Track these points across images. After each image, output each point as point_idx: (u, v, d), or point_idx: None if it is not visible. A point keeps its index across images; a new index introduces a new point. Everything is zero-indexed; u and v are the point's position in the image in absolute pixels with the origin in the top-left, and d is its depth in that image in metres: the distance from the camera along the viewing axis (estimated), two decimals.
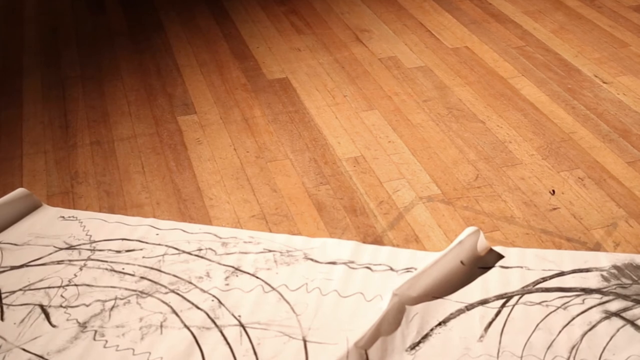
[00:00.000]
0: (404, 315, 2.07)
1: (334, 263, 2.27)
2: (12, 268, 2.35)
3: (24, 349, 2.06)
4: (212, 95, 3.23)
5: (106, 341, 2.06)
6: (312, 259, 2.29)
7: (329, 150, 2.82)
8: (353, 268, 2.25)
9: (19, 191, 2.60)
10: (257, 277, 2.24)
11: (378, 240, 2.37)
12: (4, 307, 2.20)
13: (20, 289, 2.26)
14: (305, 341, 2.02)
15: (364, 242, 2.36)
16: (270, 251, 2.34)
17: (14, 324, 2.14)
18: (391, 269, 2.25)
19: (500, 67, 3.37)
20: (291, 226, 2.45)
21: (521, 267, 2.26)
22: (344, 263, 2.27)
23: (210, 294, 2.19)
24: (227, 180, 2.68)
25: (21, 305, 2.21)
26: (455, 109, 3.05)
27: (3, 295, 2.24)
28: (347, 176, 2.67)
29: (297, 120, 3.01)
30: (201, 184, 2.66)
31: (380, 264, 2.27)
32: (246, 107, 3.13)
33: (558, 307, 2.10)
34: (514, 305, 2.13)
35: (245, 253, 2.34)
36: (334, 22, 3.88)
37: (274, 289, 2.20)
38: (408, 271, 2.24)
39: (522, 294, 2.16)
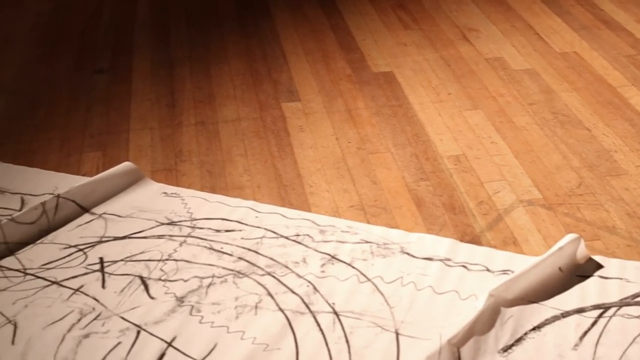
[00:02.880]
0: (499, 317, 2.05)
1: (430, 259, 2.27)
2: (115, 239, 2.41)
3: (122, 317, 2.11)
4: (316, 84, 3.25)
5: (202, 317, 2.10)
6: (408, 253, 2.29)
7: (430, 146, 2.81)
8: (449, 265, 2.25)
9: (125, 165, 2.67)
10: (353, 267, 2.25)
11: (475, 240, 2.35)
12: (106, 275, 2.27)
13: (122, 260, 2.32)
14: (397, 334, 2.02)
15: (461, 241, 2.34)
16: (367, 242, 2.34)
17: (114, 292, 2.20)
18: (487, 269, 2.23)
19: (609, 74, 3.30)
20: (389, 219, 2.45)
21: (621, 279, 2.21)
22: (441, 260, 2.26)
23: (305, 279, 2.21)
24: (327, 169, 2.69)
25: (122, 275, 2.27)
26: (561, 114, 3.00)
27: (105, 264, 2.31)
28: (448, 174, 2.65)
29: (400, 114, 3.01)
30: (302, 171, 2.69)
31: (476, 264, 2.25)
32: (350, 98, 3.14)
33: None
34: (611, 317, 2.09)
35: (343, 242, 2.35)
36: (442, 19, 3.86)
37: (369, 279, 2.20)
38: (504, 273, 2.21)
39: (620, 306, 2.12)
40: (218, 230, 2.42)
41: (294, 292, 2.17)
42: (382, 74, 3.33)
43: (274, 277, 2.23)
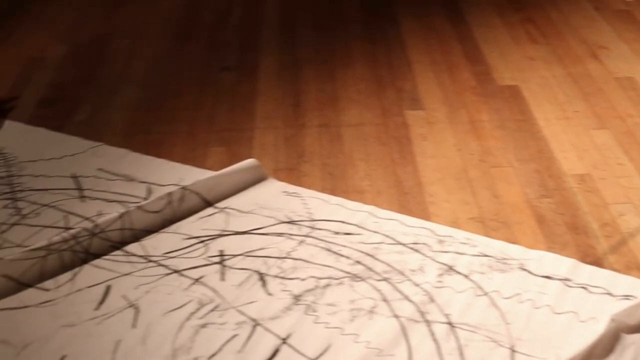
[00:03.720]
0: (619, 343, 2.00)
1: (549, 277, 2.23)
2: (236, 233, 2.46)
3: (239, 311, 2.15)
4: (440, 94, 3.24)
5: (317, 317, 2.12)
6: (527, 270, 2.26)
7: (554, 163, 2.76)
8: (569, 286, 2.20)
9: (249, 161, 2.72)
10: (470, 279, 2.23)
11: (598, 262, 2.30)
12: (225, 268, 2.31)
13: (242, 254, 2.37)
14: (513, 351, 2.00)
15: (582, 262, 2.29)
16: (485, 256, 2.32)
17: (233, 285, 2.25)
18: (609, 293, 2.18)
19: None
20: (509, 234, 2.42)
21: None
22: (560, 279, 2.22)
23: (422, 288, 2.20)
24: (448, 179, 2.68)
25: (241, 269, 2.31)
26: None
27: (225, 258, 2.36)
28: (572, 192, 2.61)
29: (525, 129, 2.97)
30: (422, 180, 2.68)
31: (597, 287, 2.20)
32: (474, 109, 3.12)
33: None
34: None
35: (461, 254, 2.33)
36: (571, 34, 3.79)
37: (486, 293, 2.18)
38: (627, 298, 2.16)
39: None
40: (337, 233, 2.44)
41: (409, 300, 2.17)
42: (508, 87, 3.29)
43: (390, 283, 2.23)
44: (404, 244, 2.38)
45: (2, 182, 2.77)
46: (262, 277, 2.27)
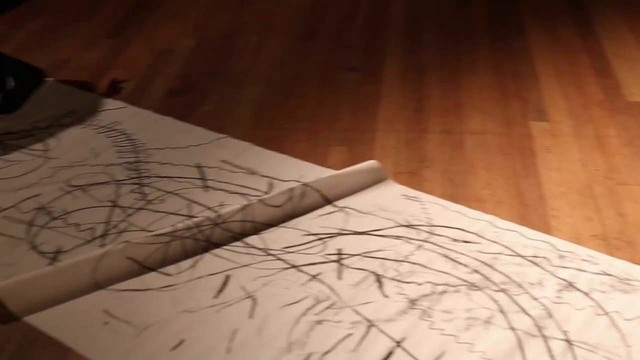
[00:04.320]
0: None
1: None
2: (355, 233, 2.48)
3: (355, 310, 2.17)
4: (566, 107, 3.18)
5: (432, 322, 2.11)
6: None
7: None
8: None
9: (371, 163, 2.73)
10: (591, 298, 2.19)
11: None
12: (342, 267, 2.33)
13: (359, 254, 2.38)
14: None
15: None
16: (607, 275, 2.27)
17: (349, 285, 2.26)
18: None
19: None
20: (633, 254, 2.36)
21: None
22: None
23: (540, 302, 2.17)
24: (571, 194, 2.63)
25: (358, 269, 2.32)
26: None
27: (343, 256, 2.37)
28: None
29: None
30: (545, 192, 2.64)
31: None
32: (600, 124, 3.05)
33: None
34: None
35: (582, 270, 2.29)
36: None
37: (606, 313, 2.14)
38: None
39: None
40: (455, 240, 2.43)
41: (527, 313, 2.14)
42: (637, 104, 3.20)
43: (507, 294, 2.21)
44: (523, 256, 2.35)
45: (130, 168, 2.86)
46: (378, 278, 2.28)
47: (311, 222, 2.53)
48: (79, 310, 2.22)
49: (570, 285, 2.23)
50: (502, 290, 2.22)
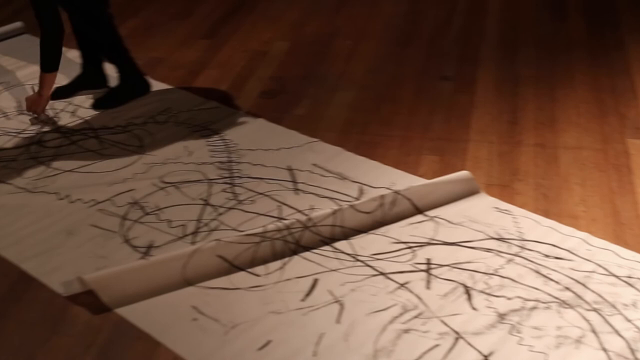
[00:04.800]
0: None
1: None
2: (444, 243, 2.46)
3: (443, 321, 2.15)
4: None
5: (521, 338, 2.08)
6: None
7: None
8: None
9: (463, 173, 2.70)
10: None
11: None
12: (431, 277, 2.31)
13: (448, 265, 2.36)
14: None
15: None
16: None
17: (438, 295, 2.24)
18: None
19: None
20: None
21: None
22: None
23: (634, 324, 2.12)
24: None
25: (447, 280, 2.30)
26: None
27: (432, 266, 2.35)
28: None
29: None
30: None
31: None
32: None
33: None
34: None
35: None
36: None
37: None
38: None
39: None
40: (547, 256, 2.39)
41: (620, 335, 2.09)
42: None
43: (600, 314, 2.16)
44: (617, 276, 2.30)
45: (222, 167, 2.89)
46: (467, 290, 2.25)
47: (401, 230, 2.52)
48: (169, 305, 2.25)
49: None
50: (595, 310, 2.17)
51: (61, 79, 3.51)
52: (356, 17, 4.31)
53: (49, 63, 3.18)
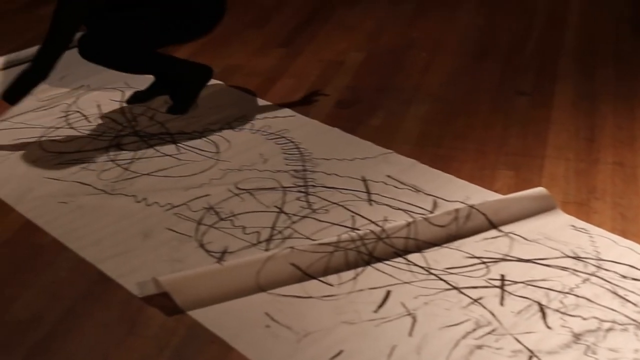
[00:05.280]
0: None
1: None
2: (519, 260, 2.44)
3: (516, 339, 2.13)
4: None
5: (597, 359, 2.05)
6: None
7: None
8: None
9: (539, 190, 2.68)
10: None
11: None
12: (505, 293, 2.29)
13: (523, 282, 2.34)
14: None
15: None
16: None
17: (512, 312, 2.22)
18: None
19: None
20: None
21: None
22: None
23: None
24: None
25: (521, 297, 2.28)
26: None
27: (506, 283, 2.33)
28: None
29: None
30: None
31: None
32: None
33: None
34: None
35: None
36: None
37: None
38: None
39: None
40: (624, 277, 2.35)
41: None
42: None
43: None
44: None
45: (297, 175, 2.91)
46: (542, 308, 2.23)
47: (475, 244, 2.51)
48: (242, 311, 2.27)
49: None
50: None
51: (139, 84, 3.59)
52: (432, 29, 4.30)
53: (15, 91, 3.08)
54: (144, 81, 3.58)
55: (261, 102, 3.52)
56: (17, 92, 3.07)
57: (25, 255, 2.57)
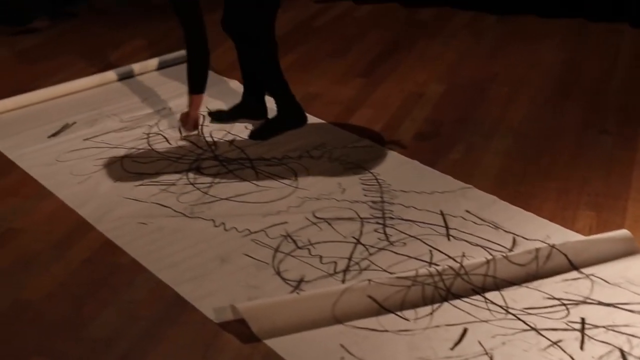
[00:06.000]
0: None
1: None
2: (600, 303, 2.38)
3: None
4: None
5: None
6: None
7: None
8: None
9: (622, 232, 2.62)
10: None
11: None
12: (585, 337, 2.24)
13: (604, 327, 2.28)
14: None
15: None
16: None
17: (592, 357, 2.17)
18: None
19: None
20: None
21: None
22: None
23: None
24: None
25: (602, 342, 2.23)
26: None
27: (586, 326, 2.28)
28: None
29: None
30: None
31: None
32: None
33: None
34: None
35: None
36: None
37: None
38: None
39: None
40: None
41: None
42: None
43: None
44: None
45: (374, 207, 2.90)
46: (624, 355, 2.18)
47: (555, 285, 2.46)
48: (317, 342, 2.26)
49: None
50: None
51: (221, 105, 3.64)
52: (514, 64, 4.26)
53: (195, 85, 3.36)
54: (226, 103, 3.63)
55: (340, 131, 3.52)
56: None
57: (105, 274, 2.61)
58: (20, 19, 5.15)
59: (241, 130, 3.54)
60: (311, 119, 3.60)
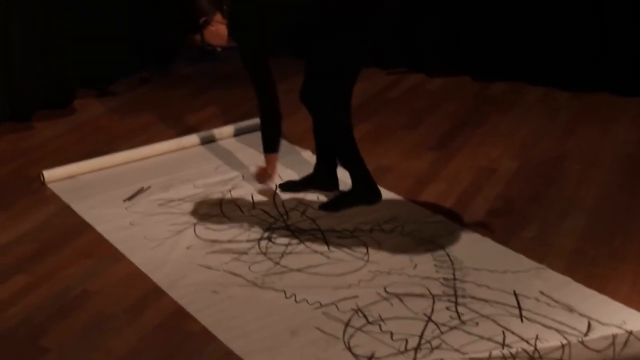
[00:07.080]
0: None
1: None
2: None
3: None
4: None
5: None
6: None
7: None
8: None
9: None
10: None
11: None
12: None
13: None
14: None
15: None
16: None
17: None
18: None
19: None
20: None
21: None
22: None
23: None
24: None
25: None
26: None
27: None
28: None
29: None
30: None
31: None
32: None
33: None
34: None
35: None
36: None
37: None
38: None
39: None
40: None
41: None
42: None
43: None
44: None
45: (446, 284, 2.89)
46: None
47: None
48: None
49: None
50: None
51: (292, 175, 3.69)
52: (587, 141, 4.23)
53: (269, 144, 3.44)
54: (298, 173, 3.68)
55: (412, 205, 3.52)
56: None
57: (176, 342, 2.64)
58: (102, 83, 5.30)
59: (313, 200, 3.57)
60: (383, 192, 3.61)
